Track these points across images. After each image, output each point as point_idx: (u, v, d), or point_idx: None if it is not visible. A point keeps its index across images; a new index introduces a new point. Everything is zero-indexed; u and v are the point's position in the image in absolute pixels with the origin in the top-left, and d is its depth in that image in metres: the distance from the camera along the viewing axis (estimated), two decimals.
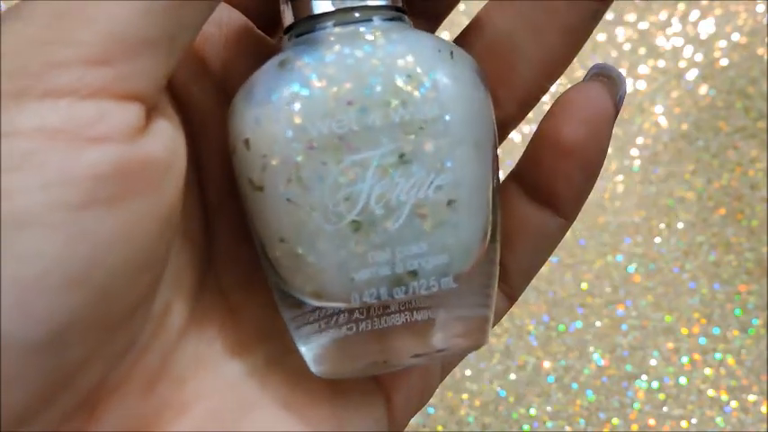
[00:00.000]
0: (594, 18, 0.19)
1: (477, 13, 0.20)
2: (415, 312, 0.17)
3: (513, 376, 0.40)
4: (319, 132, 0.16)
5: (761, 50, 0.46)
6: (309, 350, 0.18)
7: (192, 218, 0.18)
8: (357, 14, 0.17)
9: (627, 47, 0.47)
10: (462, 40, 0.20)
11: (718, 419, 0.38)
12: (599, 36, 0.47)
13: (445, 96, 0.17)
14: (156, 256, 0.16)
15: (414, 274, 0.17)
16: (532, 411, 0.39)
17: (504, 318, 0.41)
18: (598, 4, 0.19)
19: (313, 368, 0.18)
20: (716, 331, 0.40)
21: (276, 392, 0.18)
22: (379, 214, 0.16)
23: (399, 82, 0.16)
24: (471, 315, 0.18)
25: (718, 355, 0.40)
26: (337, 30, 0.17)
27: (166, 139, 0.16)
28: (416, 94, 0.16)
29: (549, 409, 0.39)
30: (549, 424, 0.39)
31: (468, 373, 0.40)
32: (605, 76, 0.19)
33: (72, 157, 0.14)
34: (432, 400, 0.39)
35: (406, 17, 0.18)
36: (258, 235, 0.18)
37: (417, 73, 0.17)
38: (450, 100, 0.17)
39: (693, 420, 0.39)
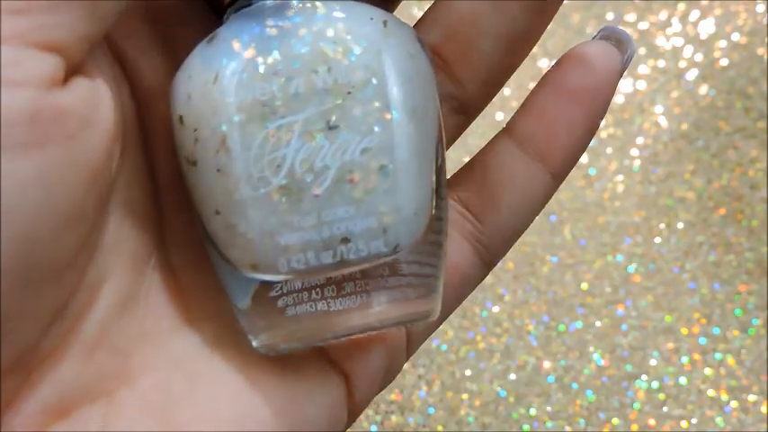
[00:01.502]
0: None
1: None
2: (360, 295, 0.17)
3: (513, 376, 0.40)
4: (243, 101, 0.16)
5: (761, 50, 0.46)
6: (253, 327, 0.18)
7: (139, 193, 0.19)
8: None
9: None
10: (425, 20, 0.20)
11: (718, 419, 0.38)
12: None
13: (374, 62, 0.17)
14: (81, 210, 0.16)
15: (343, 239, 0.17)
16: (532, 411, 0.39)
17: (504, 318, 0.42)
18: None
19: (253, 342, 0.18)
20: (716, 331, 0.40)
21: (225, 368, 0.18)
22: (306, 179, 0.16)
23: (326, 49, 0.17)
24: (414, 289, 0.18)
25: (718, 355, 0.40)
26: (271, 2, 0.17)
27: (85, 95, 0.16)
28: (344, 61, 0.17)
29: (549, 409, 0.39)
30: (549, 424, 0.39)
31: (468, 373, 0.40)
32: (614, 39, 0.19)
33: None
34: (431, 400, 0.39)
35: None
36: (197, 212, 0.18)
37: (346, 40, 0.17)
38: (380, 66, 0.17)
39: (693, 420, 0.39)
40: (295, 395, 0.19)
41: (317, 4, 0.17)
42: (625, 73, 0.49)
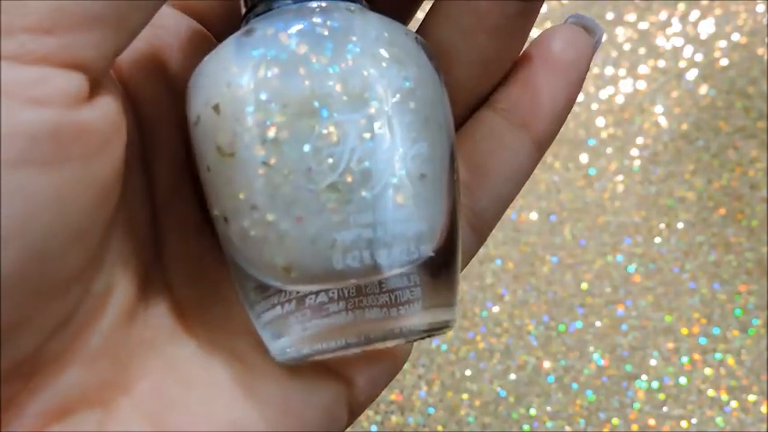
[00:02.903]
0: (523, 16, 0.20)
1: (419, 26, 0.21)
2: (389, 307, 0.17)
3: (513, 376, 0.40)
4: (297, 94, 0.16)
5: (761, 50, 0.46)
6: (275, 337, 0.18)
7: (137, 211, 0.19)
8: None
9: (627, 47, 0.47)
10: None
11: (719, 419, 0.38)
12: None
13: (417, 73, 0.17)
14: (90, 227, 0.16)
15: (394, 240, 0.17)
16: (532, 411, 0.39)
17: (504, 318, 0.42)
18: (522, 3, 0.19)
19: (271, 351, 0.18)
20: (716, 331, 0.40)
21: (220, 373, 0.19)
22: (357, 179, 0.16)
23: (378, 54, 0.17)
24: (439, 299, 0.18)
25: (718, 355, 0.40)
26: (296, 7, 0.17)
27: (107, 113, 0.16)
28: (391, 68, 0.17)
29: (549, 409, 0.39)
30: (549, 424, 0.39)
31: (468, 373, 0.40)
32: (581, 26, 0.21)
33: (8, 116, 0.14)
34: (431, 400, 0.39)
35: (363, 1, 0.19)
36: (222, 208, 0.17)
37: (391, 49, 0.17)
38: (420, 78, 0.17)
39: (693, 420, 0.39)
40: (291, 398, 0.19)
41: (357, 11, 0.17)
42: (625, 73, 0.49)
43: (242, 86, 0.16)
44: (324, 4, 0.17)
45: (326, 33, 0.17)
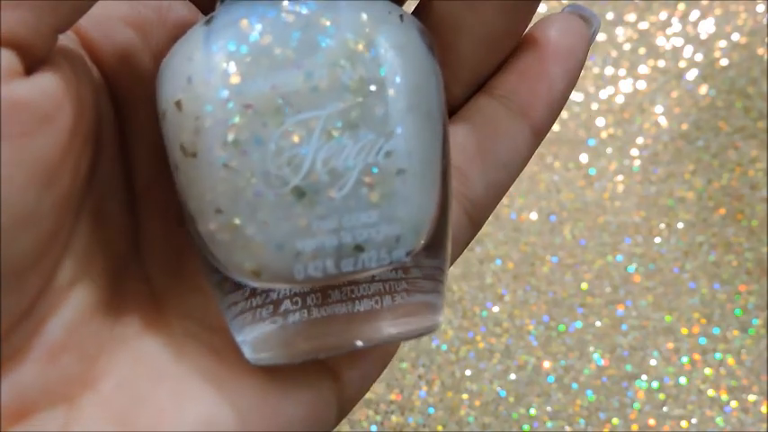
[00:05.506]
0: None
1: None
2: (357, 302, 0.16)
3: (513, 376, 0.40)
4: (259, 92, 0.15)
5: (761, 50, 0.46)
6: (246, 337, 0.17)
7: (116, 202, 0.18)
8: None
9: (627, 47, 0.47)
10: None
11: (719, 419, 0.38)
12: (599, 36, 0.47)
13: (397, 60, 0.16)
14: (36, 208, 0.15)
15: (363, 246, 0.15)
16: (532, 411, 0.39)
17: (504, 318, 0.42)
18: None
19: (249, 356, 0.17)
20: (716, 331, 0.40)
21: (193, 366, 0.18)
22: (324, 180, 0.15)
23: (350, 42, 0.15)
24: (421, 299, 0.17)
25: (718, 355, 0.40)
26: None
27: (46, 88, 0.15)
28: (367, 54, 0.15)
29: (549, 409, 0.39)
30: (549, 424, 0.39)
31: (468, 373, 0.40)
32: (578, 15, 0.21)
33: None
34: (431, 400, 0.39)
35: None
36: (190, 208, 0.16)
37: (367, 33, 0.16)
38: (402, 64, 0.16)
39: (693, 420, 0.39)
40: (270, 393, 0.18)
41: None
42: (625, 73, 0.49)
43: (202, 83, 0.15)
44: None
45: (293, 21, 0.15)
